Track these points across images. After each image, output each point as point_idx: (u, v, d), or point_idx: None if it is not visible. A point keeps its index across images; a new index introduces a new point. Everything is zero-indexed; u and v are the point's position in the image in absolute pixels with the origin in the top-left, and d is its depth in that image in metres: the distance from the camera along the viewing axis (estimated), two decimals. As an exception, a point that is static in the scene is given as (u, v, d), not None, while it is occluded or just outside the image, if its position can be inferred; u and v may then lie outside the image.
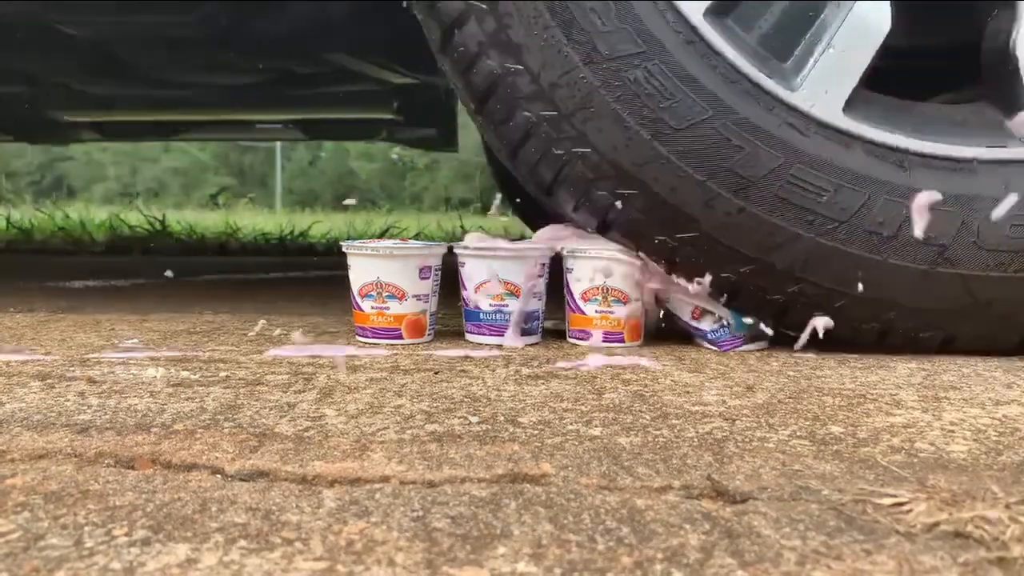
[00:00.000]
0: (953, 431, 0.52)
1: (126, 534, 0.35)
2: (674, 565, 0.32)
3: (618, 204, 0.79)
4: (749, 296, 0.80)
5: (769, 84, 0.77)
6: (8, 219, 3.35)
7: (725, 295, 0.80)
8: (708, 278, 0.79)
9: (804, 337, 0.79)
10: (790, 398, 0.61)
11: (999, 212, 0.77)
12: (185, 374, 0.69)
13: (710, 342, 0.83)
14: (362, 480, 0.42)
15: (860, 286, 0.77)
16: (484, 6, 0.78)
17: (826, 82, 0.77)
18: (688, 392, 0.63)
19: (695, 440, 0.49)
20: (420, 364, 0.74)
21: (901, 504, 0.38)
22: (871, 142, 0.78)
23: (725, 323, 0.82)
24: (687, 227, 0.78)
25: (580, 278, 0.83)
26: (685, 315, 0.84)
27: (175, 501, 0.38)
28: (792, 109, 0.77)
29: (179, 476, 0.42)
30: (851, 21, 0.78)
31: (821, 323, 0.78)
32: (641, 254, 0.81)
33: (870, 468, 0.44)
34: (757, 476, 0.43)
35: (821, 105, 0.77)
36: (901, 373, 0.71)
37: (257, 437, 0.49)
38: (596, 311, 0.83)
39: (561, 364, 0.74)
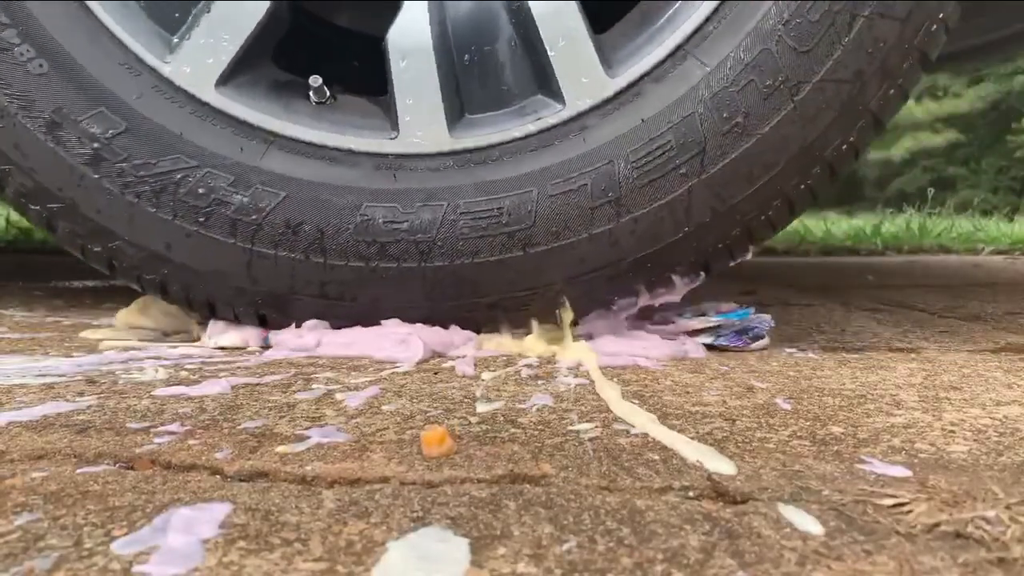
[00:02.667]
0: (953, 431, 0.52)
1: (126, 534, 0.35)
2: (674, 566, 0.32)
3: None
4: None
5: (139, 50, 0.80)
6: (8, 219, 3.35)
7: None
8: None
9: None
10: (790, 398, 0.61)
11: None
12: (184, 374, 0.69)
13: None
14: (362, 480, 0.42)
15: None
16: None
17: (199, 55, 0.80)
18: (688, 392, 0.63)
19: (695, 440, 0.49)
20: (420, 364, 0.74)
21: (901, 504, 0.38)
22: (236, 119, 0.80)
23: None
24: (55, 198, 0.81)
25: None
26: None
27: (175, 501, 0.38)
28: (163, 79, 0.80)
29: (179, 476, 0.42)
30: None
31: None
32: None
33: (870, 468, 0.44)
34: (757, 476, 0.43)
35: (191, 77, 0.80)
36: (901, 373, 0.71)
37: (257, 437, 0.49)
38: None
39: (562, 364, 0.74)
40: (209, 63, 0.80)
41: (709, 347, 0.82)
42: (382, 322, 0.83)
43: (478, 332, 0.82)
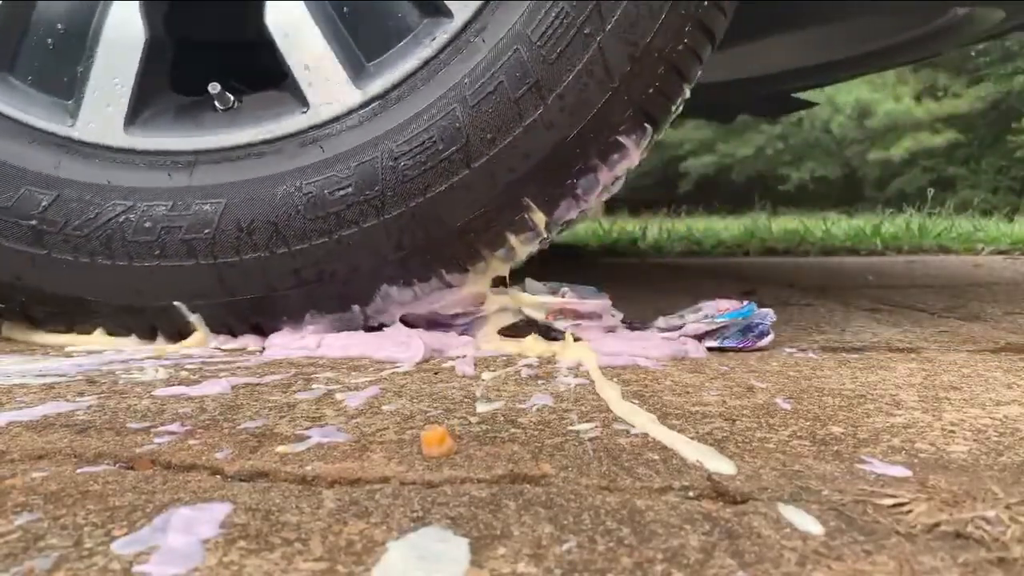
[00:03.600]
0: (953, 431, 0.52)
1: (126, 534, 0.35)
2: (674, 566, 0.32)
3: None
4: None
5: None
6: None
7: None
8: None
9: None
10: (790, 398, 0.61)
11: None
12: (185, 374, 0.69)
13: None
14: (362, 480, 0.42)
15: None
16: None
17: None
18: (688, 392, 0.63)
19: (695, 440, 0.49)
20: (420, 364, 0.74)
21: (901, 504, 0.38)
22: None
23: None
24: None
25: None
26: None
27: (175, 501, 0.38)
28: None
29: (179, 476, 0.42)
30: (107, 43, 0.82)
31: None
32: None
33: (870, 468, 0.44)
34: (757, 476, 0.43)
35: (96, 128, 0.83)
36: (901, 373, 0.71)
37: (257, 437, 0.49)
38: None
39: (562, 364, 0.74)
40: (110, 111, 0.83)
41: (713, 348, 0.82)
42: (383, 327, 0.84)
43: (465, 271, 0.82)
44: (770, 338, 0.83)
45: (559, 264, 2.35)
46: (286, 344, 0.80)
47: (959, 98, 15.71)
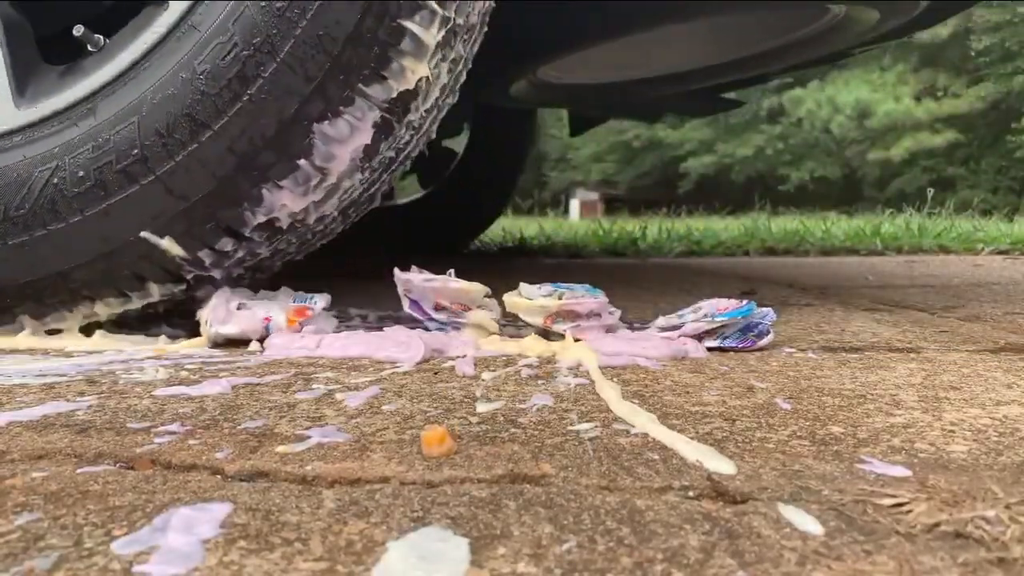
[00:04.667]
0: (953, 431, 0.52)
1: (126, 534, 0.35)
2: (674, 566, 0.32)
3: None
4: None
5: None
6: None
7: None
8: None
9: None
10: (790, 398, 0.61)
11: None
12: (185, 374, 0.69)
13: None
14: (362, 480, 0.42)
15: None
16: None
17: None
18: (688, 392, 0.63)
19: (695, 440, 0.49)
20: (420, 364, 0.74)
21: (901, 504, 0.38)
22: None
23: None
24: None
25: None
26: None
27: (175, 501, 0.38)
28: None
29: (179, 476, 0.42)
30: None
31: None
32: None
33: (870, 468, 0.44)
34: (757, 476, 0.43)
35: None
36: (901, 373, 0.71)
37: (257, 437, 0.49)
38: None
39: (562, 364, 0.74)
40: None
41: (713, 348, 0.82)
42: (384, 328, 0.84)
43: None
44: (770, 338, 0.83)
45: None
46: (286, 344, 0.80)
47: (959, 98, 15.72)
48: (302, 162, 0.81)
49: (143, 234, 0.81)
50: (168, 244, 0.82)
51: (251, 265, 0.90)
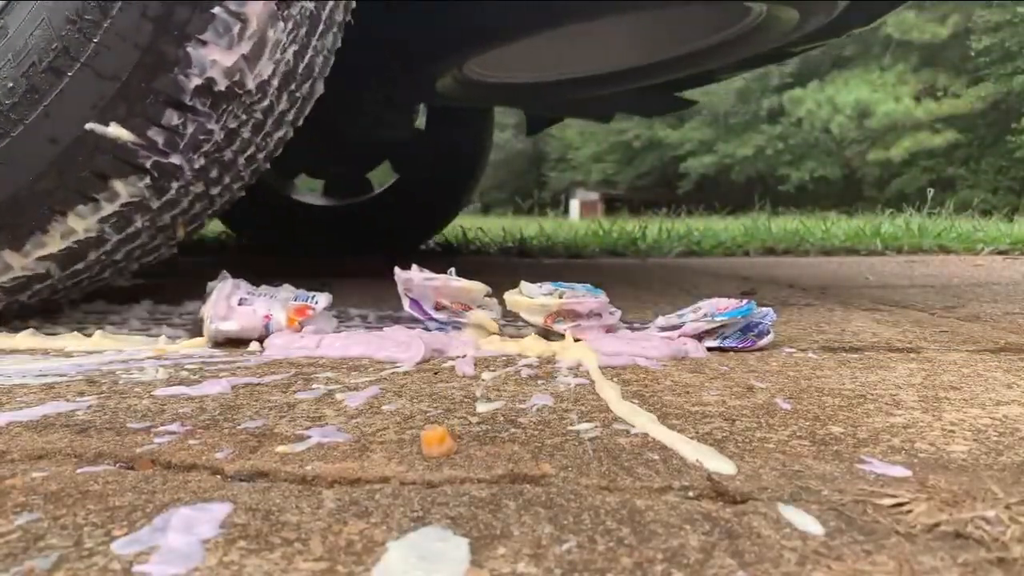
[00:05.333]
0: (953, 431, 0.52)
1: (126, 534, 0.35)
2: (674, 566, 0.32)
3: None
4: None
5: None
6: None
7: None
8: None
9: None
10: (790, 398, 0.61)
11: None
12: (185, 374, 0.69)
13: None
14: (362, 480, 0.42)
15: None
16: None
17: None
18: (688, 392, 0.63)
19: (695, 440, 0.49)
20: (420, 364, 0.74)
21: (901, 504, 0.38)
22: None
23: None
24: None
25: None
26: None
27: (175, 501, 0.38)
28: None
29: (179, 476, 0.42)
30: None
31: None
32: None
33: (870, 468, 0.44)
34: (757, 476, 0.43)
35: None
36: (901, 373, 0.71)
37: (257, 437, 0.49)
38: None
39: (562, 364, 0.74)
40: None
41: (713, 348, 0.82)
42: (384, 328, 0.84)
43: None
44: (770, 338, 0.83)
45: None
46: (286, 344, 0.80)
47: (959, 98, 15.72)
48: (217, 9, 0.81)
49: (88, 126, 0.81)
50: (115, 130, 0.81)
51: (212, 155, 0.89)
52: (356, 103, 2.09)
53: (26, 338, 0.85)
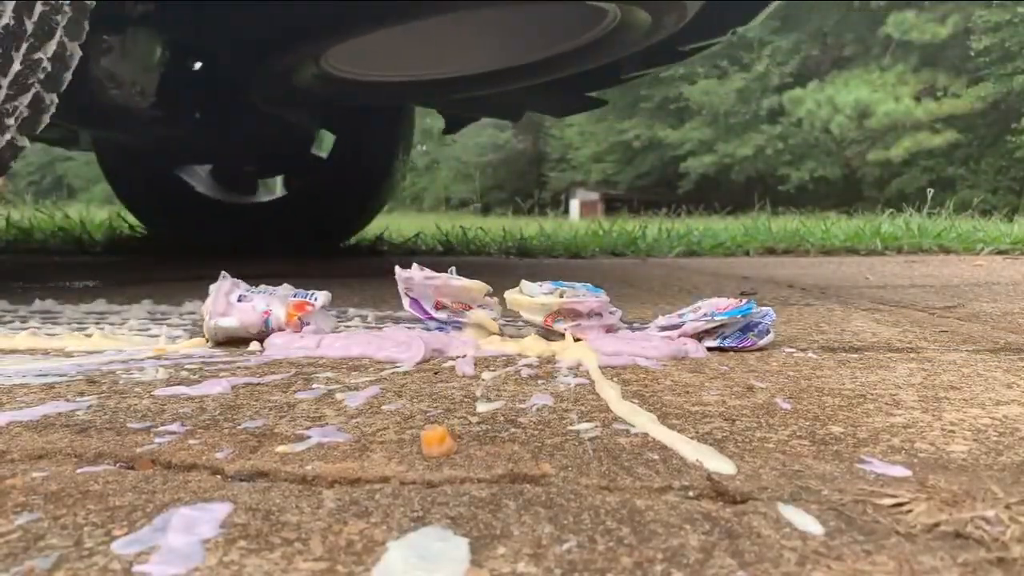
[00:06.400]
0: (953, 431, 0.52)
1: (126, 534, 0.35)
2: (674, 566, 0.32)
3: None
4: None
5: None
6: (8, 219, 3.34)
7: None
8: None
9: None
10: (790, 398, 0.61)
11: None
12: (185, 374, 0.69)
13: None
14: (362, 480, 0.42)
15: None
16: None
17: None
18: (688, 392, 0.63)
19: (695, 440, 0.49)
20: (420, 364, 0.74)
21: (901, 504, 0.38)
22: None
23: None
24: None
25: None
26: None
27: (175, 501, 0.38)
28: None
29: (179, 476, 0.42)
30: None
31: None
32: None
33: (870, 468, 0.44)
34: (757, 476, 0.43)
35: None
36: (901, 373, 0.71)
37: (257, 437, 0.49)
38: None
39: (562, 364, 0.74)
40: None
41: (713, 348, 0.82)
42: (384, 328, 0.84)
43: None
44: (770, 337, 0.83)
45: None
46: (286, 344, 0.80)
47: (959, 98, 15.71)
48: None
49: None
50: None
51: None
52: (230, 91, 2.09)
53: (26, 338, 0.85)
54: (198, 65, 2.28)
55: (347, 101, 2.42)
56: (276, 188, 2.95)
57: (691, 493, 0.40)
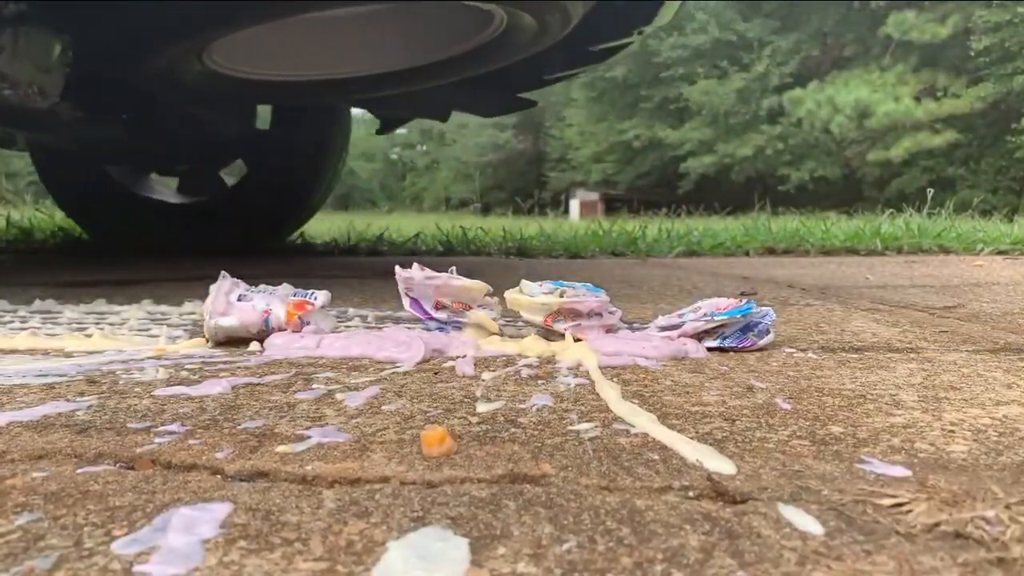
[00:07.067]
0: (953, 431, 0.52)
1: (126, 534, 0.35)
2: (674, 566, 0.32)
3: None
4: None
5: None
6: (8, 219, 3.34)
7: None
8: None
9: None
10: (790, 398, 0.61)
11: None
12: (185, 374, 0.69)
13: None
14: (362, 480, 0.42)
15: None
16: None
17: None
18: (688, 392, 0.63)
19: (695, 440, 0.49)
20: (420, 364, 0.74)
21: (901, 504, 0.38)
22: None
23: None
24: None
25: None
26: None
27: (175, 501, 0.38)
28: None
29: (179, 476, 0.42)
30: None
31: None
32: None
33: (870, 468, 0.44)
34: (757, 476, 0.43)
35: None
36: (901, 373, 0.71)
37: (257, 437, 0.49)
38: None
39: (562, 364, 0.74)
40: None
41: (713, 348, 0.82)
42: (384, 328, 0.84)
43: None
44: (770, 337, 0.83)
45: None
46: (286, 344, 0.80)
47: (959, 98, 15.71)
48: None
49: None
50: None
51: None
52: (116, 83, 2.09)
53: (26, 338, 0.85)
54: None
55: (246, 100, 2.43)
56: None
57: (691, 493, 0.40)
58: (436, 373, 0.70)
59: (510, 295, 0.86)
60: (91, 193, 2.73)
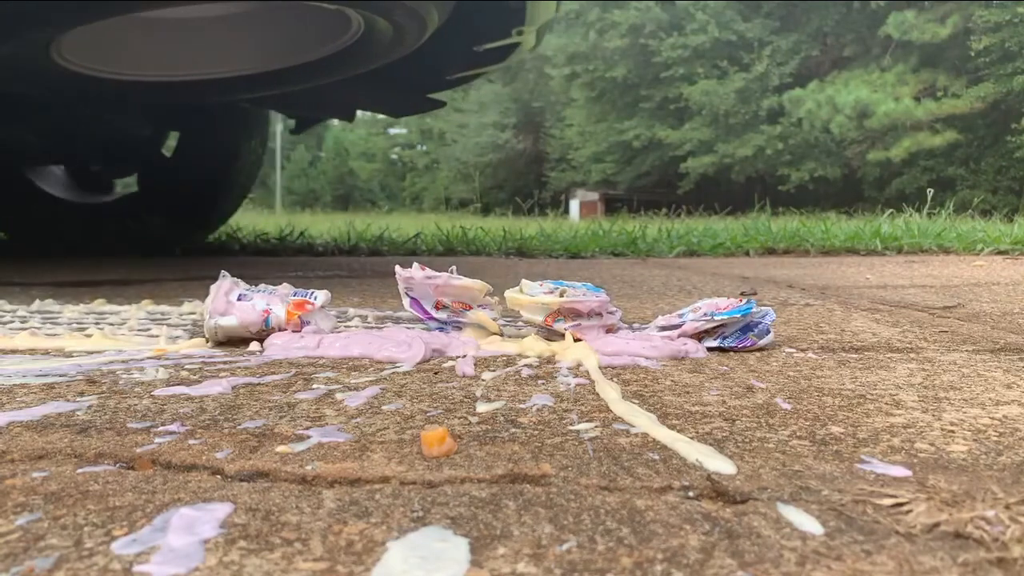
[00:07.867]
0: (953, 431, 0.52)
1: (126, 534, 0.35)
2: (674, 566, 0.32)
3: None
4: None
5: None
6: (8, 219, 3.34)
7: None
8: None
9: None
10: (790, 398, 0.61)
11: None
12: (185, 374, 0.69)
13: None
14: (362, 480, 0.42)
15: None
16: None
17: None
18: (688, 392, 0.63)
19: (695, 440, 0.49)
20: (420, 364, 0.74)
21: (901, 504, 0.38)
22: None
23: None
24: None
25: None
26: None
27: (175, 501, 0.38)
28: None
29: (179, 476, 0.42)
30: None
31: None
32: None
33: (870, 468, 0.44)
34: (757, 476, 0.43)
35: None
36: (901, 373, 0.71)
37: (257, 437, 0.49)
38: None
39: (562, 364, 0.74)
40: None
41: (713, 348, 0.82)
42: (384, 328, 0.84)
43: None
44: (770, 337, 0.83)
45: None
46: (286, 344, 0.80)
47: (959, 98, 15.71)
48: None
49: None
50: None
51: None
52: None
53: (26, 338, 0.85)
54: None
55: (106, 97, 2.43)
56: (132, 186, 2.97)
57: (691, 493, 0.40)
58: (436, 373, 0.70)
59: (510, 295, 0.86)
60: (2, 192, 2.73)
